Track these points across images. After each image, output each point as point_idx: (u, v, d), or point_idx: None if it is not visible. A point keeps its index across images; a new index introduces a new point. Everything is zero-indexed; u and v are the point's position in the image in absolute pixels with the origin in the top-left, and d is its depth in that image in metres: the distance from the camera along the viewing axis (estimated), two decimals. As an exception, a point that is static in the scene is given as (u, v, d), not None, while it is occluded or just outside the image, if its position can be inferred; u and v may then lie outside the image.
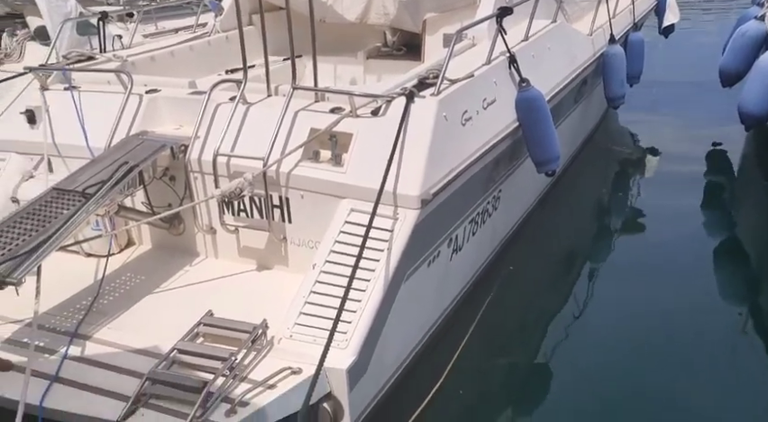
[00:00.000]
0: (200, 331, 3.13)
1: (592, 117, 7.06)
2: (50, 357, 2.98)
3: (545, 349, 4.04)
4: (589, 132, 7.07)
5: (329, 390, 2.97)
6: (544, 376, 3.84)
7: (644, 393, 3.54)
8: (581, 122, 6.47)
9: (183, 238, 3.96)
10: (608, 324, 4.20)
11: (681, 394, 3.53)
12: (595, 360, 3.84)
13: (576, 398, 3.56)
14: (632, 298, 4.45)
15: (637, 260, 5.00)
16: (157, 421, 2.63)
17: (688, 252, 5.00)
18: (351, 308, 3.07)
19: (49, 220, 2.93)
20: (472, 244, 4.18)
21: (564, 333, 4.17)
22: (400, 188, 3.36)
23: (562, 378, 3.75)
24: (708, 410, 3.42)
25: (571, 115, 5.91)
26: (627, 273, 4.81)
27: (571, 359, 3.91)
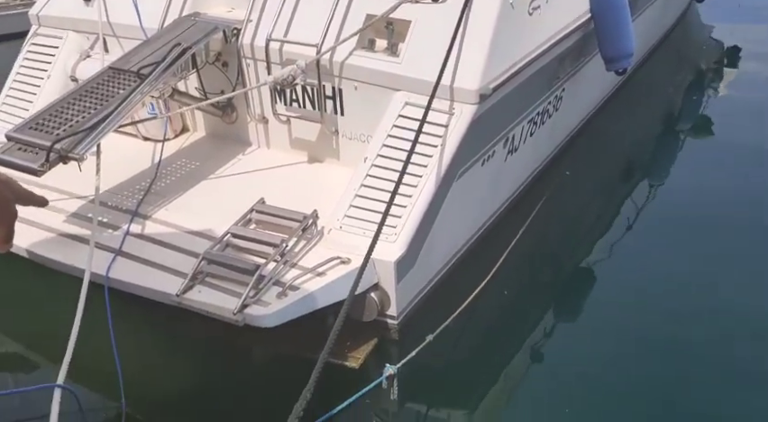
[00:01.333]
0: (253, 217, 3.19)
1: (673, 11, 6.43)
2: (112, 232, 3.13)
3: (593, 258, 3.96)
4: (668, 28, 6.48)
5: (377, 281, 3.03)
6: (588, 284, 3.79)
7: (682, 317, 3.43)
8: (661, 16, 5.91)
9: (236, 127, 3.96)
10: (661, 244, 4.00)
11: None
12: (645, 274, 3.73)
13: (620, 309, 3.50)
14: (690, 217, 4.23)
15: (704, 176, 4.70)
16: (213, 298, 2.76)
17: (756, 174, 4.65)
18: (401, 203, 3.05)
19: (106, 99, 2.96)
20: (529, 146, 4.02)
21: (614, 244, 4.05)
22: (458, 82, 3.19)
23: (607, 288, 3.69)
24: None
25: (650, 8, 5.38)
26: (691, 190, 4.54)
27: (617, 270, 3.82)
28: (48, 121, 2.86)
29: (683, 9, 6.75)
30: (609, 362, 3.14)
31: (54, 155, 2.69)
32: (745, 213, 4.20)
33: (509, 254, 3.65)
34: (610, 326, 3.38)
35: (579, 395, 2.96)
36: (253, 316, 2.69)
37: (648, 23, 5.47)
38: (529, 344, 3.32)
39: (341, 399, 2.70)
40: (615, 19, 3.96)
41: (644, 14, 5.18)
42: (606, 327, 3.38)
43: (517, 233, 3.81)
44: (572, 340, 3.36)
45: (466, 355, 3.27)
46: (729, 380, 3.00)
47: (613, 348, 3.22)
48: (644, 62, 5.86)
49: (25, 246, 3.07)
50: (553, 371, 3.16)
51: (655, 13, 5.59)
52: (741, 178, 4.55)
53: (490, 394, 3.07)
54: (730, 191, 4.42)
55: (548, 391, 3.01)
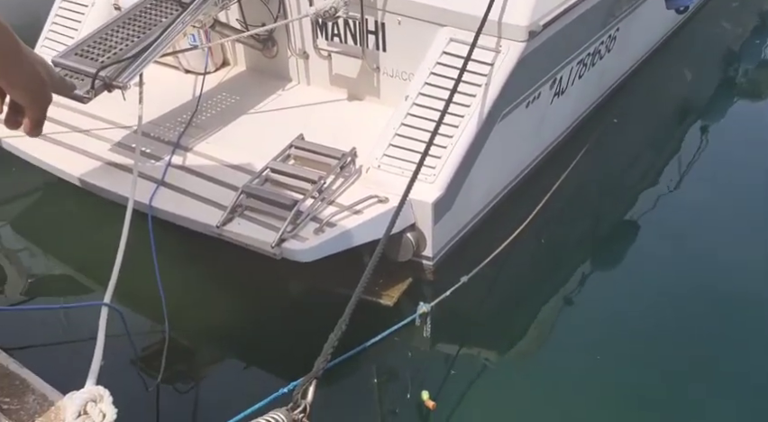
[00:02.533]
0: (291, 153, 3.19)
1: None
2: (155, 163, 3.19)
3: (634, 211, 3.84)
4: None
5: (413, 222, 3.03)
6: (626, 237, 3.69)
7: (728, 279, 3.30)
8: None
9: (276, 61, 3.90)
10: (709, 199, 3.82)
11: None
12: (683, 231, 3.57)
13: (658, 263, 3.40)
14: (740, 174, 4.00)
15: (756, 130, 4.43)
16: (252, 231, 2.81)
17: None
18: (441, 144, 2.99)
19: (149, 27, 2.94)
20: (577, 88, 3.86)
21: (658, 199, 3.90)
22: (507, 17, 3.04)
23: (646, 243, 3.56)
24: None
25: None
26: (747, 146, 4.27)
27: (658, 225, 3.69)
28: (92, 48, 2.87)
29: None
30: (643, 314, 3.10)
31: (99, 82, 2.71)
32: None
33: (548, 201, 3.57)
34: (646, 280, 3.32)
35: (610, 343, 2.95)
36: (290, 250, 2.74)
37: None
38: (562, 292, 3.30)
39: (373, 335, 2.76)
40: (681, -48, 3.67)
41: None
42: (642, 281, 3.32)
43: (558, 180, 3.71)
44: (606, 291, 3.32)
45: (499, 299, 3.29)
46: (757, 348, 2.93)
47: (648, 301, 3.17)
48: (706, 3, 5.47)
49: (74, 173, 3.16)
50: (584, 319, 3.15)
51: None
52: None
53: (521, 337, 3.09)
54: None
55: (579, 339, 3.02)
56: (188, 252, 3.17)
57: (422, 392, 2.60)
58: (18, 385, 1.61)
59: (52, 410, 1.58)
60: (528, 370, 2.90)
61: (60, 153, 3.26)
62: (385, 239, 2.29)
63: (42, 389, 1.60)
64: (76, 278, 3.31)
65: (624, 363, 2.87)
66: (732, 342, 2.95)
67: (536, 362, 2.95)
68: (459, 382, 2.80)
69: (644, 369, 2.84)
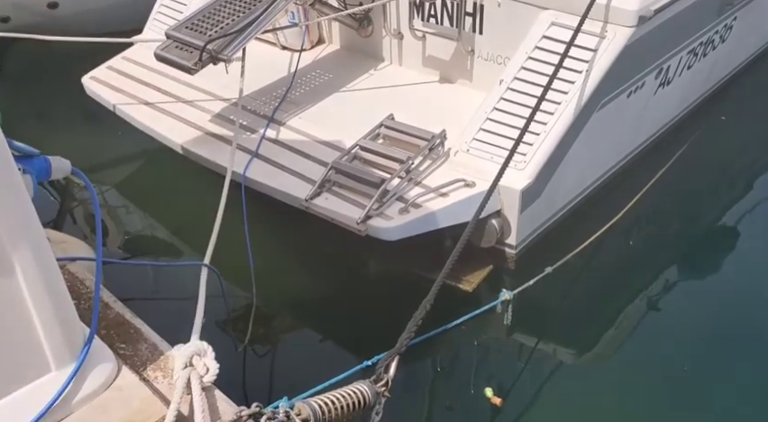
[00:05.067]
0: (381, 132, 3.22)
1: None
2: (250, 135, 3.31)
3: (731, 216, 3.58)
4: None
5: (499, 208, 2.98)
6: (720, 242, 3.46)
7: None
8: None
9: (370, 41, 3.93)
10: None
11: None
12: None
13: (750, 274, 3.18)
14: None
15: None
16: (339, 206, 2.87)
17: None
18: (535, 131, 2.91)
19: (253, 4, 3.03)
20: (684, 79, 3.62)
21: (759, 205, 3.61)
22: (616, 1, 2.89)
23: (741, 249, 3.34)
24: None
25: None
26: None
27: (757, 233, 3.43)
28: (201, 22, 3.01)
29: None
30: (733, 326, 2.92)
31: (206, 55, 2.84)
32: None
33: (642, 198, 3.40)
34: (738, 289, 3.12)
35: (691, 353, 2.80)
36: (376, 227, 2.77)
37: None
38: (648, 293, 3.15)
39: (451, 318, 2.75)
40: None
41: None
42: (733, 290, 3.12)
43: (654, 178, 3.53)
44: (694, 298, 3.14)
45: (581, 294, 3.18)
46: None
47: (738, 313, 2.98)
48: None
49: (177, 140, 3.34)
50: (667, 324, 3.00)
51: None
52: None
53: (600, 336, 2.99)
54: None
55: (658, 344, 2.88)
56: (278, 223, 3.28)
57: (486, 389, 2.58)
58: (132, 333, 1.75)
59: (162, 359, 1.70)
60: (603, 371, 2.82)
61: (166, 122, 3.46)
62: (473, 223, 2.27)
63: (153, 339, 1.73)
64: (177, 238, 3.51)
65: (704, 374, 2.72)
66: None
67: (612, 364, 2.84)
68: (532, 375, 2.76)
69: (725, 384, 2.68)
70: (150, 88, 3.67)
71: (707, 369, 2.75)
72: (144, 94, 3.64)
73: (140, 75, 3.77)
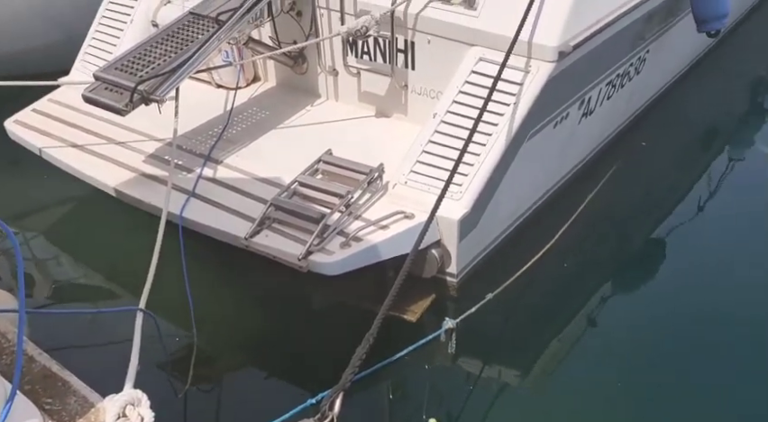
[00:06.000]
0: (319, 167, 3.24)
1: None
2: (187, 175, 3.26)
3: (659, 234, 3.79)
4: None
5: (439, 238, 3.04)
6: (651, 260, 3.65)
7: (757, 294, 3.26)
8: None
9: (306, 78, 3.98)
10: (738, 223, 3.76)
11: None
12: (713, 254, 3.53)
13: (682, 287, 3.36)
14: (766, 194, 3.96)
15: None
16: (279, 243, 2.85)
17: None
18: (468, 161, 3.01)
19: (186, 43, 3.03)
20: (605, 109, 3.85)
21: (684, 223, 3.84)
22: (537, 38, 3.07)
23: (671, 266, 3.53)
24: None
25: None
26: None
27: (683, 249, 3.64)
28: (132, 63, 2.97)
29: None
30: (667, 338, 3.05)
31: (137, 96, 2.80)
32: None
33: (575, 221, 3.55)
34: (671, 303, 3.27)
35: (633, 368, 2.91)
36: (317, 263, 2.77)
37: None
38: (587, 312, 3.27)
39: (396, 350, 2.76)
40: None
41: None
42: (666, 304, 3.27)
43: (584, 202, 3.70)
44: (630, 313, 3.28)
45: (523, 317, 3.26)
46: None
47: (672, 325, 3.12)
48: (740, 24, 5.42)
49: (109, 183, 3.24)
50: (608, 341, 3.11)
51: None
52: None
53: (543, 358, 3.06)
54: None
55: (601, 362, 2.98)
56: (217, 263, 3.22)
57: (430, 420, 2.58)
58: (60, 386, 1.65)
59: (92, 412, 1.61)
60: (549, 392, 2.87)
61: (97, 164, 3.36)
62: (413, 254, 2.31)
63: (83, 390, 1.64)
64: (109, 284, 3.38)
65: (647, 389, 2.82)
66: (762, 367, 2.88)
67: (557, 386, 2.91)
68: (477, 402, 2.79)
69: (667, 395, 2.79)
70: (79, 130, 3.56)
71: (650, 384, 2.84)
72: (73, 136, 3.53)
73: (67, 117, 3.66)
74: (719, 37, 4.45)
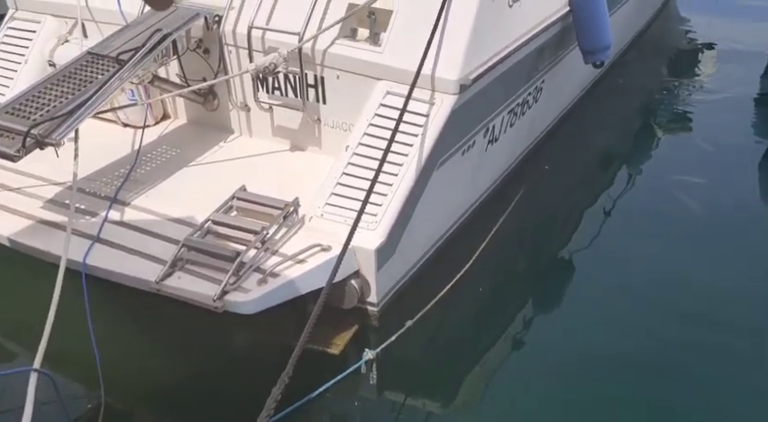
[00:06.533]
0: (234, 204, 3.20)
1: (651, 6, 6.50)
2: (90, 219, 3.12)
3: (570, 250, 4.02)
4: (646, 22, 6.55)
5: (357, 269, 3.06)
6: (564, 275, 3.84)
7: (668, 309, 3.47)
8: (639, 10, 5.98)
9: (217, 114, 3.95)
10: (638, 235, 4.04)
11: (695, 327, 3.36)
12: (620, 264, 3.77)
13: (596, 299, 3.54)
14: (665, 205, 4.30)
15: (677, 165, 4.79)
16: (192, 284, 2.77)
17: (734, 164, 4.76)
18: (382, 191, 3.08)
19: (84, 84, 2.93)
20: (509, 136, 4.07)
21: (591, 238, 4.08)
22: (439, 72, 3.22)
23: (583, 279, 3.73)
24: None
25: (628, 2, 5.45)
26: (667, 183, 4.60)
27: (593, 262, 3.86)
28: (25, 106, 2.83)
29: (662, 3, 6.85)
30: (585, 351, 3.20)
31: (31, 140, 2.67)
32: (719, 205, 4.27)
33: (488, 244, 3.70)
34: (585, 316, 3.44)
35: (555, 384, 3.02)
36: (233, 302, 2.71)
37: (626, 17, 5.54)
38: (506, 332, 3.38)
39: (320, 385, 2.73)
40: (592, 12, 4.01)
41: (622, 8, 5.25)
42: (580, 319, 3.44)
43: (497, 224, 3.86)
44: (548, 329, 3.42)
45: (444, 341, 3.32)
46: (705, 363, 3.08)
47: (587, 337, 3.28)
48: (623, 56, 5.94)
49: (3, 233, 3.04)
50: (528, 359, 3.22)
51: (633, 6, 5.67)
52: (717, 172, 4.64)
53: (467, 380, 3.12)
54: (705, 184, 4.51)
55: (523, 379, 3.07)
56: (127, 312, 3.07)
57: None
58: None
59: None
60: (474, 415, 2.91)
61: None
62: (327, 288, 2.31)
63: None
64: (5, 343, 3.13)
65: (574, 405, 2.92)
66: (674, 373, 3.05)
67: (482, 407, 2.96)
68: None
69: (593, 408, 2.89)
70: (-31, 177, 3.34)
71: (576, 400, 2.92)
72: (-39, 183, 3.30)
73: (-46, 164, 3.41)
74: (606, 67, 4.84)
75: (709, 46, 6.62)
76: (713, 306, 3.44)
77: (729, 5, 7.31)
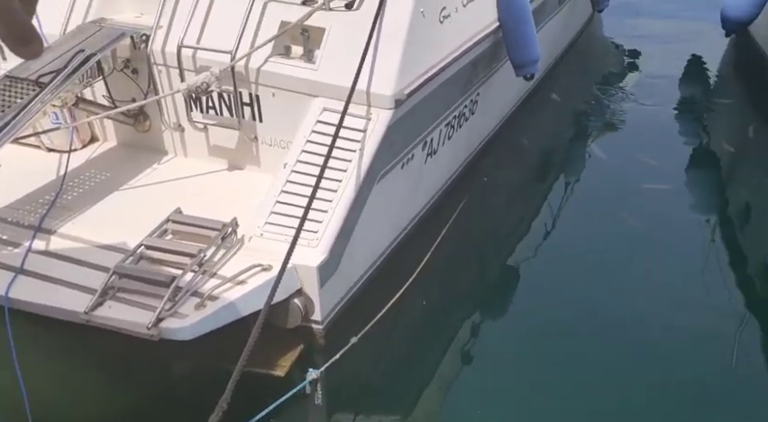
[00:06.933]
0: (168, 228, 3.10)
1: (577, 21, 6.81)
2: (13, 250, 2.94)
3: (512, 258, 4.11)
4: (574, 36, 6.85)
5: (300, 287, 3.02)
6: (507, 283, 3.93)
7: (612, 306, 3.62)
8: (565, 25, 6.24)
9: (149, 135, 3.83)
10: (577, 237, 4.21)
11: (641, 317, 3.52)
12: (561, 271, 3.89)
13: (540, 306, 3.63)
14: (602, 211, 4.48)
15: (611, 171, 5.01)
16: (125, 313, 2.65)
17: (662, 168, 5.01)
18: (321, 208, 3.05)
19: (2, 109, 2.78)
20: (448, 148, 4.14)
21: (533, 246, 4.20)
22: (374, 87, 3.24)
23: (525, 286, 3.82)
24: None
25: (555, 17, 5.69)
26: (601, 187, 4.81)
27: (535, 269, 3.97)
28: (-66, 132, 2.66)
29: (587, 19, 7.19)
30: (531, 355, 3.26)
31: (-59, 169, 2.50)
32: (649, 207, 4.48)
33: (432, 256, 3.72)
34: (528, 322, 3.52)
35: (504, 394, 3.05)
36: (169, 329, 2.61)
37: (553, 32, 5.78)
38: (452, 343, 3.40)
39: (263, 409, 2.65)
40: (520, 27, 4.16)
41: (548, 23, 5.47)
42: (525, 324, 3.52)
43: (439, 235, 3.90)
44: (492, 338, 3.47)
45: (391, 356, 3.31)
46: (643, 365, 3.17)
47: (532, 343, 3.35)
48: (554, 69, 6.18)
49: None
50: (474, 368, 3.25)
51: (559, 22, 5.92)
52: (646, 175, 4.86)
53: (413, 393, 3.11)
54: (635, 188, 4.72)
55: (469, 389, 3.09)
56: (56, 346, 2.90)
57: None
58: None
59: None
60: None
61: None
62: (266, 308, 2.26)
63: None
64: None
65: (516, 412, 2.96)
66: (623, 372, 3.13)
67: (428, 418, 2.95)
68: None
69: (543, 414, 2.93)
70: None
71: (531, 403, 2.95)
72: None
73: None
74: (538, 79, 5.01)
75: (634, 56, 6.99)
76: (651, 307, 3.58)
77: (649, 18, 7.76)
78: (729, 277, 3.85)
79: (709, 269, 3.88)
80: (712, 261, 3.96)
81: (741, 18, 5.68)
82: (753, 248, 4.20)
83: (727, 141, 5.56)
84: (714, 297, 3.66)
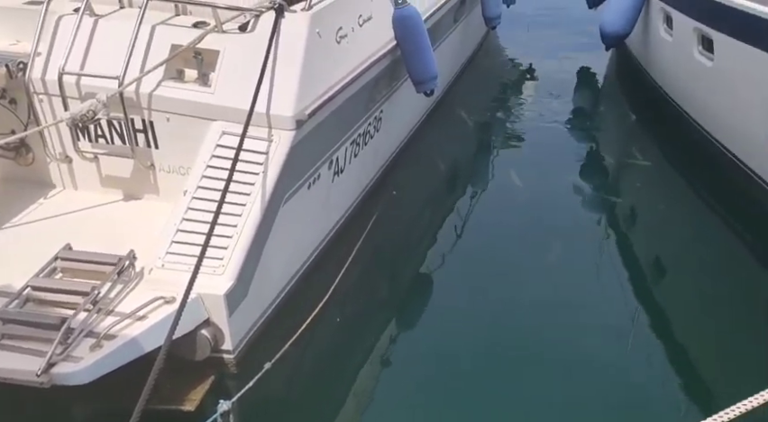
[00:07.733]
0: (57, 266, 2.90)
1: (473, 38, 7.13)
2: None
3: (425, 268, 4.19)
4: (472, 52, 7.17)
5: (207, 317, 2.91)
6: (422, 294, 3.99)
7: (521, 305, 3.75)
8: (462, 42, 6.52)
9: (34, 169, 3.58)
10: (487, 244, 4.35)
11: (555, 317, 3.65)
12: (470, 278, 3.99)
13: (452, 314, 3.70)
14: (506, 219, 4.66)
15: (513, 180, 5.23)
16: (10, 361, 2.43)
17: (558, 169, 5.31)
18: (226, 234, 2.98)
19: None
20: (354, 166, 4.17)
21: (445, 255, 4.30)
22: (273, 109, 3.22)
23: (443, 299, 3.89)
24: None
25: (451, 35, 5.93)
26: (507, 193, 5.02)
27: (448, 278, 4.06)
28: None
29: (482, 35, 7.56)
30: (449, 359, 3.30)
31: None
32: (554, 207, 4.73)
33: (346, 272, 3.72)
34: (445, 328, 3.58)
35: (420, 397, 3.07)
36: (61, 374, 2.42)
37: (450, 49, 6.02)
38: (367, 358, 3.39)
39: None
40: (416, 45, 4.28)
41: (445, 41, 5.69)
42: (440, 330, 3.58)
43: (352, 252, 3.90)
44: (409, 347, 3.50)
45: (306, 379, 3.25)
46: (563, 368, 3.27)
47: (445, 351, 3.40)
48: (453, 84, 6.42)
49: None
50: (389, 381, 3.26)
51: (456, 39, 6.18)
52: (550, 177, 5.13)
53: (330, 413, 3.07)
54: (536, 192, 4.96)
55: (385, 402, 3.09)
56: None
57: None
58: None
59: None
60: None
61: None
62: (167, 343, 2.16)
63: None
64: None
65: (444, 415, 2.97)
66: (528, 377, 3.23)
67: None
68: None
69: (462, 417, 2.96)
70: None
71: (449, 408, 2.96)
72: None
73: None
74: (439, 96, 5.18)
75: (529, 71, 7.41)
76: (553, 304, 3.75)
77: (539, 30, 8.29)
78: (622, 274, 4.13)
79: (603, 266, 4.15)
80: (605, 259, 4.24)
81: (617, 33, 6.17)
82: (639, 244, 4.53)
83: (616, 142, 6.02)
84: (608, 292, 3.90)
